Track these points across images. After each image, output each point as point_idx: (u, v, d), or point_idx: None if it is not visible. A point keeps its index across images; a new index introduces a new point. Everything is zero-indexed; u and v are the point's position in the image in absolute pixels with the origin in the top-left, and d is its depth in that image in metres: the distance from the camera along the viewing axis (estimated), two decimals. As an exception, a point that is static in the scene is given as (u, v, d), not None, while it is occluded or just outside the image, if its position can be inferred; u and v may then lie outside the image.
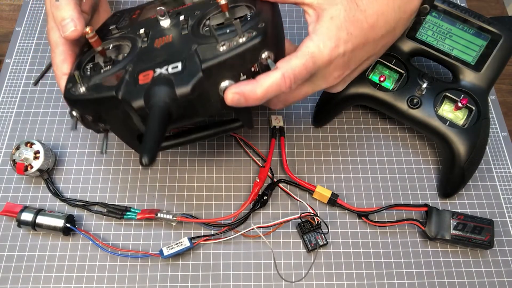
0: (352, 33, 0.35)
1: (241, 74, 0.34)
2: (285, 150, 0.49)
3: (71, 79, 0.38)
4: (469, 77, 0.47)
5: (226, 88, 0.33)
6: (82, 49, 0.41)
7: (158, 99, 0.31)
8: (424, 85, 0.46)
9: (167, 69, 0.33)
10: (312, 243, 0.45)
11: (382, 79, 0.46)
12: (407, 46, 0.48)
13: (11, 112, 0.52)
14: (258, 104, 0.34)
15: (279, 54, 0.36)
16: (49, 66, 0.55)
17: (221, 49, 0.33)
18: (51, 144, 0.50)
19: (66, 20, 0.37)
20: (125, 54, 0.38)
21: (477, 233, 0.44)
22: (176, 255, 0.44)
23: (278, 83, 0.33)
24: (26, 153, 0.45)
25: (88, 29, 0.36)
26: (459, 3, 0.59)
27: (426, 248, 0.46)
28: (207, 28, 0.36)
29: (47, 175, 0.47)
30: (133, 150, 0.50)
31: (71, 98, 0.36)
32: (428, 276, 0.44)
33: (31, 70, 0.55)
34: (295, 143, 0.51)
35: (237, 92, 0.33)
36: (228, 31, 0.35)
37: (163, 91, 0.31)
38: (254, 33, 0.33)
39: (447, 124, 0.45)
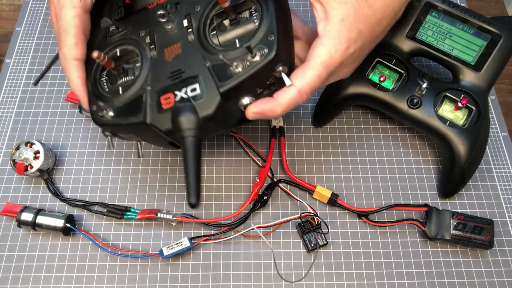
0: (362, 31, 0.34)
1: (257, 89, 0.35)
2: (285, 150, 0.49)
3: (93, 101, 0.38)
4: (469, 77, 0.47)
5: (246, 105, 0.35)
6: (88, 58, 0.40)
7: (187, 130, 0.33)
8: (424, 85, 0.46)
9: (186, 92, 0.34)
10: (312, 243, 0.45)
11: (382, 79, 0.46)
12: (407, 46, 0.48)
13: (11, 112, 0.52)
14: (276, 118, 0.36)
15: (292, 60, 0.36)
16: (49, 66, 0.55)
17: (236, 70, 0.33)
18: (51, 144, 0.50)
19: None
20: (137, 65, 0.38)
21: (477, 233, 0.44)
22: (176, 255, 0.44)
23: (295, 99, 0.34)
24: (26, 153, 0.45)
25: (96, 54, 0.35)
26: (459, 3, 0.59)
27: (426, 248, 0.46)
28: (214, 33, 0.36)
29: (47, 175, 0.47)
30: (133, 150, 0.50)
31: (100, 122, 0.37)
32: (428, 276, 0.45)
33: (31, 70, 0.55)
34: (295, 143, 0.51)
35: (257, 112, 0.34)
36: (237, 44, 0.35)
37: (189, 119, 0.33)
38: (266, 50, 0.33)
39: (447, 124, 0.45)
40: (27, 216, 0.44)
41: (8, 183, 0.48)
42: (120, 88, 0.37)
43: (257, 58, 0.33)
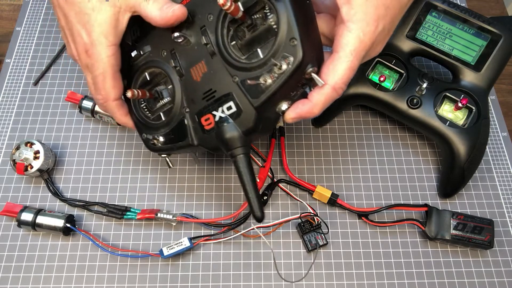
0: (389, 5, 0.33)
1: (291, 93, 0.35)
2: (285, 150, 0.49)
3: (141, 130, 0.40)
4: (469, 77, 0.47)
5: (283, 111, 0.35)
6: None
7: (235, 149, 0.35)
8: (424, 85, 0.46)
9: (223, 111, 0.35)
10: (312, 243, 0.45)
11: (382, 79, 0.46)
12: (407, 46, 0.48)
13: (11, 112, 0.52)
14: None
15: (320, 53, 0.35)
16: (49, 66, 0.55)
17: (266, 83, 0.33)
18: (51, 144, 0.50)
19: (167, 5, 0.34)
20: (169, 87, 0.38)
21: (477, 233, 0.44)
22: (176, 255, 0.44)
23: (330, 96, 0.34)
24: (26, 153, 0.45)
25: (130, 94, 0.36)
26: (459, 3, 0.59)
27: (426, 248, 0.46)
28: (233, 43, 0.35)
29: (47, 175, 0.47)
30: (133, 150, 0.50)
31: (153, 149, 0.40)
32: (428, 276, 0.45)
33: (31, 70, 0.55)
34: (295, 143, 0.51)
35: (296, 117, 0.35)
36: (260, 54, 0.34)
37: (234, 137, 0.35)
38: (291, 58, 0.32)
39: (447, 124, 0.45)
40: (27, 216, 0.44)
41: (8, 183, 0.48)
42: (162, 114, 0.39)
43: (284, 67, 0.32)
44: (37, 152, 0.46)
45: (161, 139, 0.39)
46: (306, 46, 0.32)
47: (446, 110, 0.47)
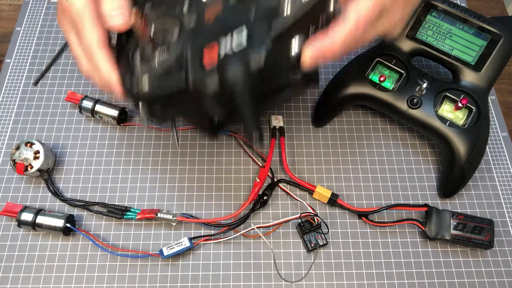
0: None
1: (309, 29, 0.31)
2: (285, 150, 0.49)
3: (125, 76, 0.34)
4: (469, 77, 0.47)
5: (297, 54, 0.31)
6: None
7: (237, 85, 0.30)
8: (424, 85, 0.46)
9: (231, 47, 0.31)
10: (312, 243, 0.45)
11: (382, 79, 0.46)
12: (407, 46, 0.48)
13: (11, 112, 0.52)
14: (333, 60, 0.32)
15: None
16: (49, 66, 0.55)
17: (286, 11, 0.30)
18: (51, 144, 0.50)
19: (117, 11, 0.33)
20: (175, 34, 0.33)
21: (477, 233, 0.44)
22: (176, 255, 0.44)
23: (353, 33, 0.31)
24: (26, 153, 0.45)
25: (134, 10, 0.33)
26: (459, 3, 0.59)
27: (426, 248, 0.46)
28: None
29: (47, 175, 0.47)
30: (133, 150, 0.50)
31: (136, 96, 0.33)
32: (428, 276, 0.45)
33: (31, 70, 0.55)
34: (295, 143, 0.51)
35: (315, 53, 0.31)
36: None
37: (239, 78, 0.30)
38: None
39: (447, 124, 0.45)
40: (27, 216, 0.44)
41: (8, 183, 0.48)
42: (156, 54, 0.32)
43: None
44: (37, 152, 0.46)
45: (147, 80, 0.32)
46: None
47: (446, 110, 0.47)
